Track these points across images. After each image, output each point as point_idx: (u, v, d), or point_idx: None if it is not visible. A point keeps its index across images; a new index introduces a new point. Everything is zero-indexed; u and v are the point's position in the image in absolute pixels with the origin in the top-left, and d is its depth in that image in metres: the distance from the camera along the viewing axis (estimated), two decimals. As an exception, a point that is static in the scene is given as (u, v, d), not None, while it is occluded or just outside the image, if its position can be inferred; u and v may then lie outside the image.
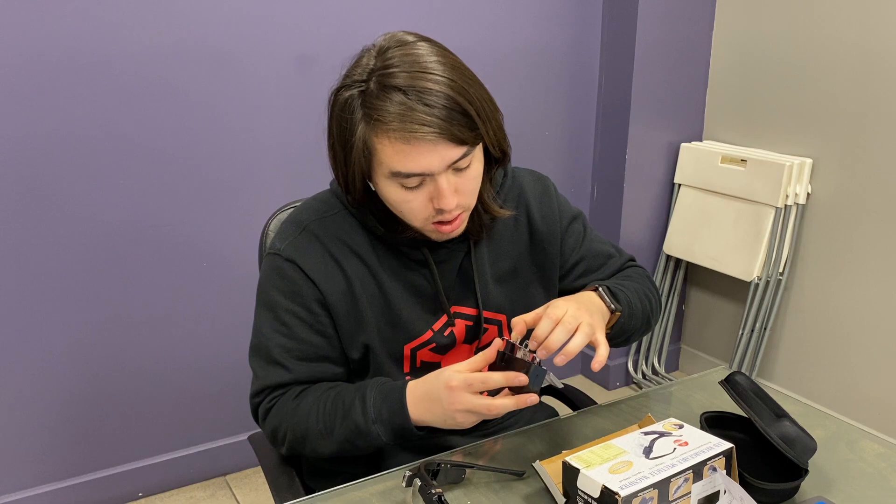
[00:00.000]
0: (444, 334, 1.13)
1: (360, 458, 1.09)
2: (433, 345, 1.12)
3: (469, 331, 1.14)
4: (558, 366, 0.92)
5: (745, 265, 2.45)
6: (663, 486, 0.84)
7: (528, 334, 0.95)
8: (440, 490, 0.90)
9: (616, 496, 0.81)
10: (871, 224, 2.21)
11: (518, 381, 0.94)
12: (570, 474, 0.88)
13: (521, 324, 0.96)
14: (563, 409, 1.32)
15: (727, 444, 0.91)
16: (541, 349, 0.93)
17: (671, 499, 0.86)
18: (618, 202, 2.62)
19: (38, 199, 1.84)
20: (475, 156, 0.99)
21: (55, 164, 1.83)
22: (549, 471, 0.96)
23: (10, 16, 1.71)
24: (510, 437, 1.12)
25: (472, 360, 0.97)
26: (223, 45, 1.95)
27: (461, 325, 1.14)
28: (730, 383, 1.04)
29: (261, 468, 1.22)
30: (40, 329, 1.91)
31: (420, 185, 0.97)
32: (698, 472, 0.88)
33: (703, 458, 0.88)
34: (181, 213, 2.01)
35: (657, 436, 0.94)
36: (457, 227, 1.03)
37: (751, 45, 2.46)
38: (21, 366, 1.91)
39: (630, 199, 2.62)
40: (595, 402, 1.29)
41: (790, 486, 0.95)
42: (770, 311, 2.49)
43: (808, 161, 2.33)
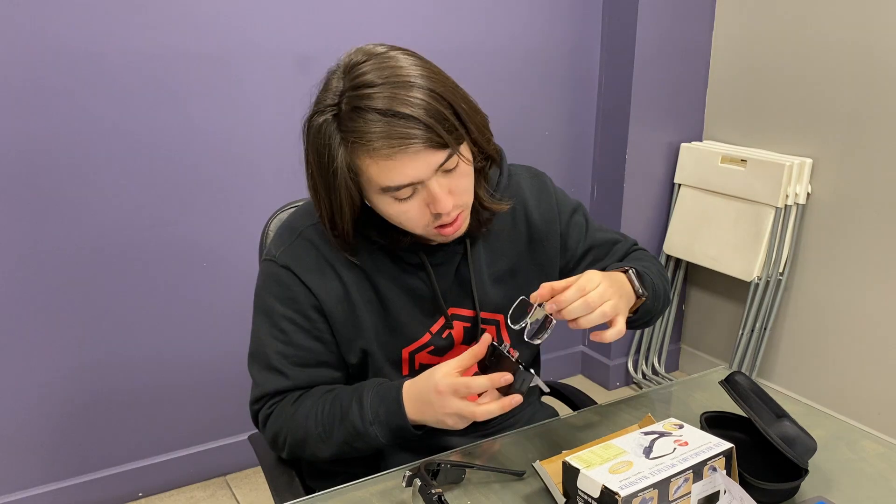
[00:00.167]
0: (442, 336, 1.13)
1: (360, 458, 1.09)
2: (431, 347, 1.12)
3: (467, 332, 1.14)
4: (571, 328, 0.93)
5: (745, 265, 2.45)
6: (663, 486, 0.84)
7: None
8: (440, 490, 0.90)
9: (616, 496, 0.81)
10: (871, 224, 2.21)
11: (503, 380, 0.94)
12: (570, 474, 0.88)
13: (547, 288, 0.95)
14: (563, 409, 1.32)
15: (727, 444, 0.91)
16: (557, 313, 0.93)
17: (671, 499, 0.86)
18: (618, 202, 2.62)
19: (37, 200, 1.84)
20: (462, 154, 0.98)
21: (55, 164, 1.83)
22: (549, 471, 0.96)
23: (10, 16, 1.71)
24: (510, 437, 1.12)
25: (460, 358, 0.98)
26: (223, 45, 1.95)
27: (459, 326, 1.13)
28: (730, 383, 1.04)
29: (261, 468, 1.22)
30: (40, 329, 1.91)
31: (413, 195, 0.97)
32: (698, 472, 0.88)
33: (703, 458, 0.88)
34: (181, 213, 2.01)
35: (657, 436, 0.94)
36: (459, 227, 1.03)
37: (751, 45, 2.46)
38: (21, 366, 1.91)
39: (630, 199, 2.62)
40: (595, 402, 1.29)
41: (790, 486, 0.95)
42: (770, 311, 2.49)
43: (808, 161, 2.33)
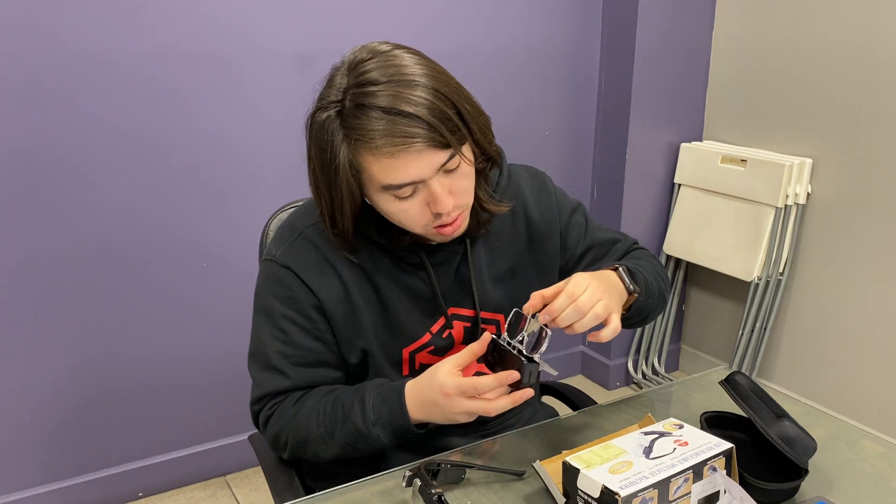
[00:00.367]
0: (443, 336, 1.13)
1: (360, 458, 1.09)
2: (431, 347, 1.12)
3: (467, 332, 1.14)
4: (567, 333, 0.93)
5: (745, 265, 2.45)
6: (663, 486, 0.84)
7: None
8: (440, 490, 0.90)
9: (616, 496, 0.81)
10: (871, 224, 2.21)
11: (510, 379, 0.94)
12: (570, 474, 0.88)
13: (538, 297, 0.96)
14: (563, 409, 1.32)
15: (727, 444, 0.91)
16: (551, 322, 0.93)
17: (671, 499, 0.86)
18: (618, 202, 2.62)
19: (37, 200, 1.84)
20: (463, 155, 0.98)
21: (55, 164, 1.83)
22: (549, 471, 0.96)
23: (10, 16, 1.71)
24: (510, 437, 1.12)
25: (459, 356, 0.98)
26: (223, 44, 1.95)
27: (459, 326, 1.13)
28: (730, 383, 1.04)
29: (261, 468, 1.22)
30: (40, 329, 1.91)
31: (414, 194, 0.97)
32: (698, 472, 0.88)
33: (703, 458, 0.88)
34: (181, 213, 2.01)
35: (657, 436, 0.94)
36: (459, 227, 1.03)
37: (751, 45, 2.46)
38: (21, 366, 1.91)
39: (630, 199, 2.62)
40: (595, 402, 1.29)
41: (790, 486, 0.95)
42: (770, 311, 2.49)
43: (808, 161, 2.33)
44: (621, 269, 1.06)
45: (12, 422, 1.94)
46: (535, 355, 0.95)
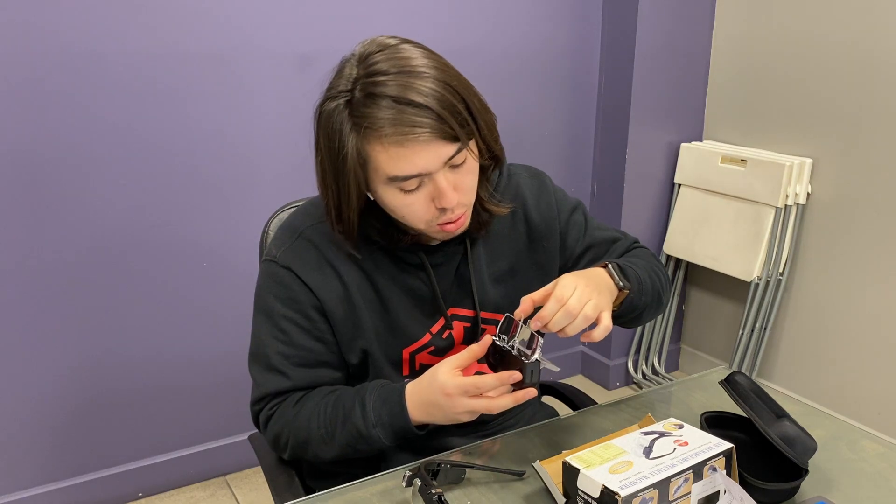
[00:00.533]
0: (443, 337, 1.13)
1: (361, 458, 1.09)
2: (431, 348, 1.12)
3: (467, 332, 1.14)
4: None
5: (745, 265, 2.45)
6: (663, 486, 0.84)
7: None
8: (440, 490, 0.90)
9: (616, 496, 0.81)
10: (871, 224, 2.21)
11: (512, 378, 0.94)
12: (570, 474, 0.88)
13: (528, 301, 0.96)
14: (563, 409, 1.32)
15: (727, 444, 0.91)
16: (543, 328, 0.93)
17: (671, 499, 0.86)
18: (618, 202, 2.62)
19: (37, 200, 1.84)
20: (470, 150, 0.98)
21: (55, 164, 1.83)
22: (549, 471, 0.96)
23: (10, 16, 1.71)
24: (510, 437, 1.12)
25: (458, 357, 0.98)
26: (223, 44, 1.95)
27: (459, 327, 1.13)
28: (730, 383, 1.04)
29: (261, 468, 1.22)
30: (40, 329, 1.91)
31: (419, 187, 0.97)
32: (698, 472, 0.88)
33: (703, 458, 0.88)
34: (181, 213, 2.01)
35: (657, 436, 0.94)
36: (461, 225, 1.03)
37: (751, 45, 2.46)
38: (21, 366, 1.91)
39: (630, 199, 2.62)
40: (595, 402, 1.29)
41: (790, 486, 0.95)
42: (770, 311, 2.49)
43: (808, 161, 2.33)
44: (611, 265, 1.06)
45: (12, 422, 1.94)
46: (534, 356, 0.95)
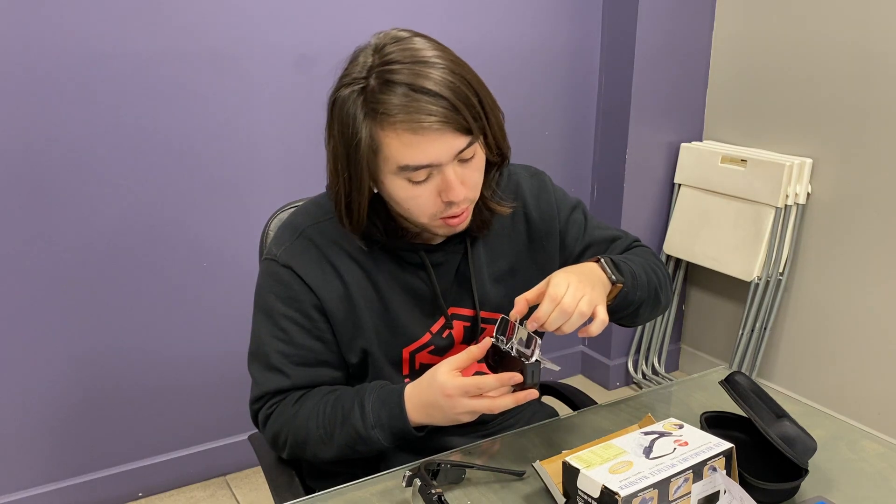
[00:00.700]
0: (443, 336, 1.13)
1: (361, 458, 1.09)
2: (431, 347, 1.12)
3: (467, 331, 1.14)
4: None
5: (745, 265, 2.45)
6: (663, 486, 0.84)
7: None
8: (440, 490, 0.90)
9: (616, 496, 0.81)
10: (871, 224, 2.21)
11: (513, 380, 0.94)
12: (570, 474, 0.88)
13: (522, 302, 0.96)
14: (563, 409, 1.32)
15: (727, 444, 0.91)
16: (540, 328, 0.94)
17: (671, 499, 0.86)
18: (618, 202, 2.62)
19: (37, 199, 1.84)
20: (478, 146, 0.99)
21: (55, 164, 1.83)
22: (549, 471, 0.96)
23: (10, 16, 1.71)
24: (510, 437, 1.12)
25: (457, 359, 0.98)
26: (223, 44, 1.95)
27: (459, 326, 1.13)
28: (730, 383, 1.04)
29: (261, 468, 1.22)
30: (40, 329, 1.91)
31: (427, 179, 0.97)
32: (698, 472, 0.88)
33: (703, 458, 0.88)
34: (181, 212, 2.01)
35: (657, 436, 0.94)
36: (464, 220, 1.04)
37: (751, 45, 2.46)
38: (21, 366, 1.91)
39: (630, 199, 2.62)
40: (595, 402, 1.29)
41: (790, 486, 0.95)
42: (770, 311, 2.49)
43: (808, 161, 2.33)
44: (603, 259, 1.06)
45: (12, 422, 1.94)
46: (534, 357, 0.95)
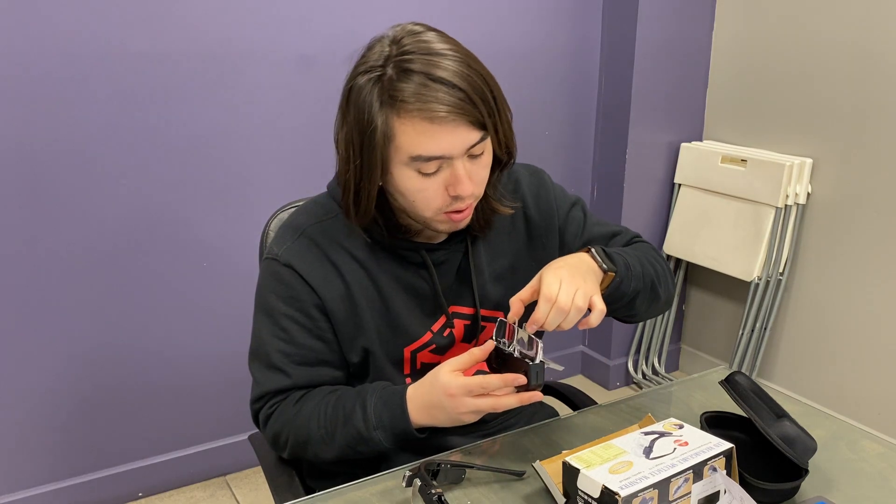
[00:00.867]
0: (444, 335, 1.13)
1: (361, 458, 1.09)
2: (433, 346, 1.12)
3: (467, 330, 1.14)
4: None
5: (745, 265, 2.45)
6: (663, 486, 0.84)
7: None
8: (440, 490, 0.90)
9: (616, 496, 0.81)
10: (871, 224, 2.21)
11: (517, 381, 0.94)
12: (570, 474, 0.88)
13: (517, 303, 0.97)
14: (563, 409, 1.32)
15: (727, 444, 0.91)
16: (539, 328, 0.94)
17: (671, 499, 0.86)
18: (618, 202, 2.62)
19: (38, 199, 1.84)
20: (487, 144, 1.00)
21: (55, 164, 1.83)
22: (549, 471, 0.96)
23: (11, 16, 1.71)
24: (510, 437, 1.12)
25: (459, 359, 0.98)
26: (223, 44, 1.95)
27: (459, 324, 1.14)
28: (730, 383, 1.04)
29: (261, 468, 1.22)
30: (40, 329, 1.91)
31: (437, 172, 0.97)
32: (698, 472, 0.88)
33: (703, 458, 0.88)
34: (182, 212, 2.01)
35: (657, 436, 0.94)
36: (467, 217, 1.04)
37: (751, 45, 2.46)
38: (21, 366, 1.91)
39: (630, 199, 2.62)
40: (595, 402, 1.29)
41: (790, 486, 0.95)
42: (770, 311, 2.49)
43: (808, 161, 2.33)
44: (594, 249, 1.06)
45: (12, 422, 1.94)
46: (538, 359, 0.95)
